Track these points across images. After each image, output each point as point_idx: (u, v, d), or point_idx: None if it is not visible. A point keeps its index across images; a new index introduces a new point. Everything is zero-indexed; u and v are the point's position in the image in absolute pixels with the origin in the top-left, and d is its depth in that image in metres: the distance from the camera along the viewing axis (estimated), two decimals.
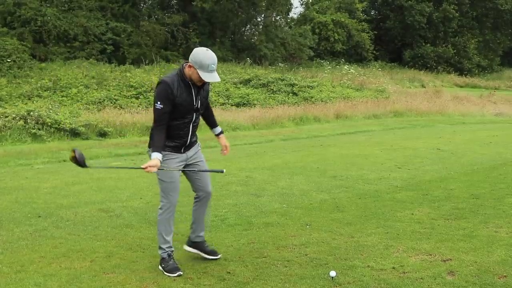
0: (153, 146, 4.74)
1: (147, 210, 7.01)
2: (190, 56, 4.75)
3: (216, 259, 5.22)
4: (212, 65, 4.69)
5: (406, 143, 13.80)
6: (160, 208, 5.01)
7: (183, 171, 5.03)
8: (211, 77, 4.72)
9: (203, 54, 4.70)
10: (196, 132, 5.14)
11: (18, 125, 13.24)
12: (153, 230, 6.05)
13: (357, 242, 5.71)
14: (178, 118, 4.83)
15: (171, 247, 5.05)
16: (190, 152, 5.05)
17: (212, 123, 5.36)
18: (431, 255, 5.27)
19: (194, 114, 4.93)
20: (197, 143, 5.19)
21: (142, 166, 4.63)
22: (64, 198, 7.61)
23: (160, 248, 5.03)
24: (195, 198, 5.26)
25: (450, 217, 6.69)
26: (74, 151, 4.75)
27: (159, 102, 4.71)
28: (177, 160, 4.92)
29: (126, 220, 6.53)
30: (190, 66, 4.74)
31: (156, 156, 4.66)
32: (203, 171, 5.09)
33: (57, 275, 4.77)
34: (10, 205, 7.21)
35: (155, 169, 4.64)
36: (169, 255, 5.00)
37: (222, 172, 4.94)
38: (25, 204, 7.28)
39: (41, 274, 4.80)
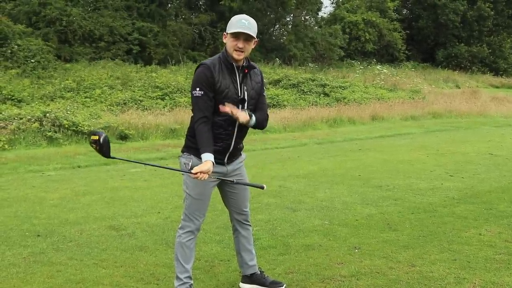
0: (201, 146, 3.74)
1: (165, 227, 5.96)
2: None
3: None
4: (243, 20, 3.81)
5: (453, 147, 12.56)
6: (180, 228, 4.03)
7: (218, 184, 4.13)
8: (240, 28, 3.79)
9: (234, 16, 3.91)
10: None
11: (33, 128, 12.31)
12: (171, 253, 5.02)
13: (420, 272, 4.62)
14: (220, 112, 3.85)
15: (190, 278, 4.05)
16: (231, 166, 4.07)
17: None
18: None
19: (240, 107, 3.91)
20: (242, 156, 4.20)
21: (192, 171, 3.66)
22: (71, 212, 6.59)
23: (178, 278, 4.03)
24: (232, 224, 4.35)
25: None
26: (98, 134, 3.77)
27: (198, 88, 3.78)
28: (214, 172, 3.89)
29: (139, 241, 5.49)
30: (225, 36, 3.88)
31: (208, 158, 3.69)
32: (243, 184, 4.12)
33: None
34: (7, 221, 6.19)
35: (206, 176, 3.67)
36: None
37: (262, 188, 3.90)
38: (25, 219, 6.26)
39: None
